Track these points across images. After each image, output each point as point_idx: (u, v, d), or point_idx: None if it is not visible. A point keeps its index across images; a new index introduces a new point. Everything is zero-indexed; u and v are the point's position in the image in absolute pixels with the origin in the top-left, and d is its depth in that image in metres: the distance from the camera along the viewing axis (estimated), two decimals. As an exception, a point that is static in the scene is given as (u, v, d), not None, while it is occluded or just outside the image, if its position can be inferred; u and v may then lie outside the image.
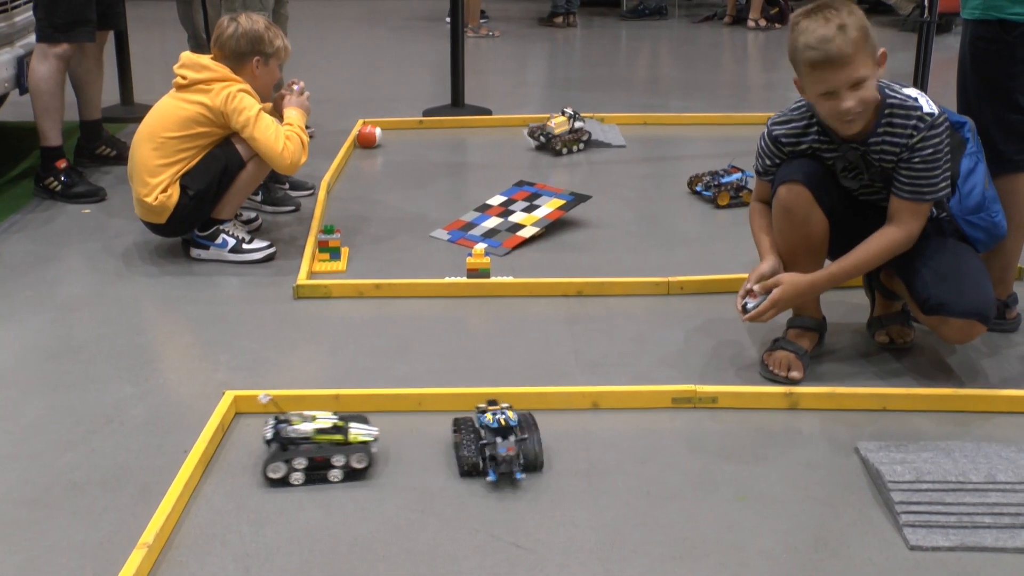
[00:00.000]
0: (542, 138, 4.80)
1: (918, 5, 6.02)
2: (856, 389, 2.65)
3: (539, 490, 2.29)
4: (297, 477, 2.31)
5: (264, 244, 3.58)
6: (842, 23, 2.47)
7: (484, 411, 2.41)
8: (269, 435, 2.35)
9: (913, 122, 2.55)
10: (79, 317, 3.17)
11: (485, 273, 3.36)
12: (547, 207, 3.90)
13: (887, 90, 2.59)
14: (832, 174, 2.70)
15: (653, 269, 3.42)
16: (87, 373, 2.83)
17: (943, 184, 2.60)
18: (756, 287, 2.66)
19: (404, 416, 2.60)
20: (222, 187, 3.45)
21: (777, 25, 8.59)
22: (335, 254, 3.56)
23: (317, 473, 2.33)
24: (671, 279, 3.30)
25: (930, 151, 2.55)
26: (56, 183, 4.14)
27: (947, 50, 6.67)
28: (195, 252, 3.56)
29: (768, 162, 2.77)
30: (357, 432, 2.37)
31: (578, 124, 4.85)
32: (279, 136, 3.41)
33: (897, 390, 2.66)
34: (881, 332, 2.93)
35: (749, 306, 2.65)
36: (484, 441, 2.34)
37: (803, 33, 2.51)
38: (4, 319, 3.14)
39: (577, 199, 3.94)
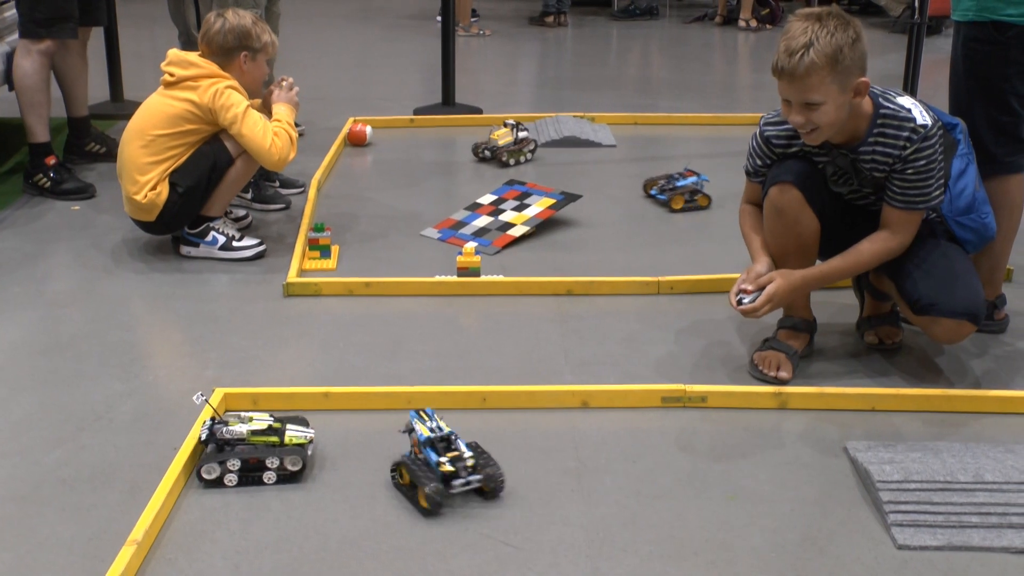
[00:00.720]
0: (487, 152, 4.66)
1: (908, 7, 6.03)
2: (845, 389, 2.66)
3: (529, 488, 2.30)
4: (231, 478, 2.30)
5: (254, 242, 3.58)
6: (814, 42, 2.44)
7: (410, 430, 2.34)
8: (204, 436, 2.34)
9: (906, 134, 2.55)
10: (68, 314, 3.17)
11: (475, 272, 3.37)
12: (537, 206, 3.91)
13: (881, 99, 2.59)
14: (824, 175, 2.71)
15: (643, 269, 3.42)
16: (76, 370, 2.82)
17: (937, 193, 2.61)
18: (749, 285, 2.67)
19: (394, 414, 2.60)
20: (211, 184, 3.45)
21: (768, 26, 8.61)
22: (325, 252, 3.56)
23: (251, 475, 2.30)
24: (661, 279, 3.30)
25: (923, 162, 2.56)
26: (45, 179, 4.13)
27: (937, 51, 6.70)
28: (185, 249, 3.55)
29: (759, 162, 2.78)
30: (293, 434, 2.34)
31: (522, 134, 4.66)
32: (267, 132, 3.40)
33: (886, 390, 2.67)
34: (870, 333, 2.94)
35: (745, 300, 2.65)
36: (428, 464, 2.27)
37: (784, 34, 2.53)
38: (-8, 315, 3.14)
39: (567, 198, 3.94)
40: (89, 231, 3.80)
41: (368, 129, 4.98)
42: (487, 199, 4.04)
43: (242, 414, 2.40)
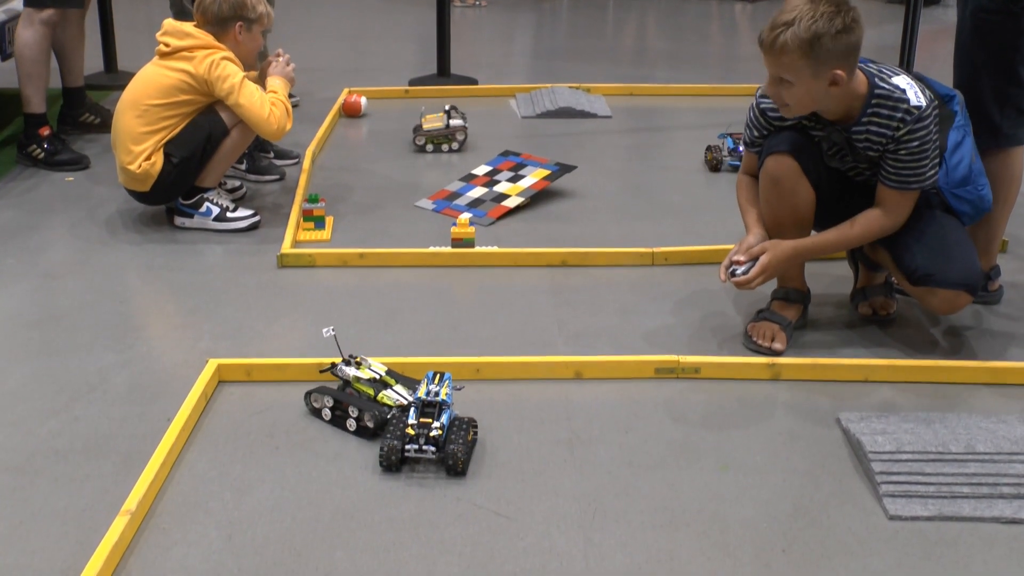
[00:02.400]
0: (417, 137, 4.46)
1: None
2: (838, 360, 2.66)
3: (522, 459, 2.30)
4: (326, 413, 2.44)
5: (248, 213, 3.57)
6: (796, 23, 2.44)
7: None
8: (328, 368, 2.51)
9: (900, 115, 2.53)
10: (62, 285, 3.15)
11: (470, 243, 3.35)
12: (532, 177, 3.89)
13: (876, 79, 2.57)
14: (819, 147, 2.70)
15: (638, 240, 3.41)
16: (70, 341, 2.81)
17: (931, 174, 2.60)
18: (742, 256, 2.66)
19: (388, 385, 2.60)
20: (206, 155, 3.43)
21: (765, -3, 8.55)
22: (320, 223, 3.55)
23: (339, 417, 2.42)
24: (656, 250, 3.29)
25: (916, 144, 2.54)
26: (39, 150, 4.10)
27: (935, 22, 6.66)
28: (179, 220, 3.54)
29: (756, 133, 2.77)
30: (387, 393, 2.43)
31: (455, 122, 4.41)
32: (264, 103, 3.38)
33: (879, 361, 2.66)
34: (864, 304, 2.94)
35: (738, 272, 2.64)
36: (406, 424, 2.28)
37: (783, 6, 2.52)
38: (-14, 286, 3.13)
39: (562, 169, 3.93)
40: (83, 202, 3.78)
41: (363, 100, 4.95)
42: (482, 170, 4.02)
43: (368, 359, 2.51)
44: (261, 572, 1.95)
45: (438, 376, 2.36)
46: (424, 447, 2.23)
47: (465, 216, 3.41)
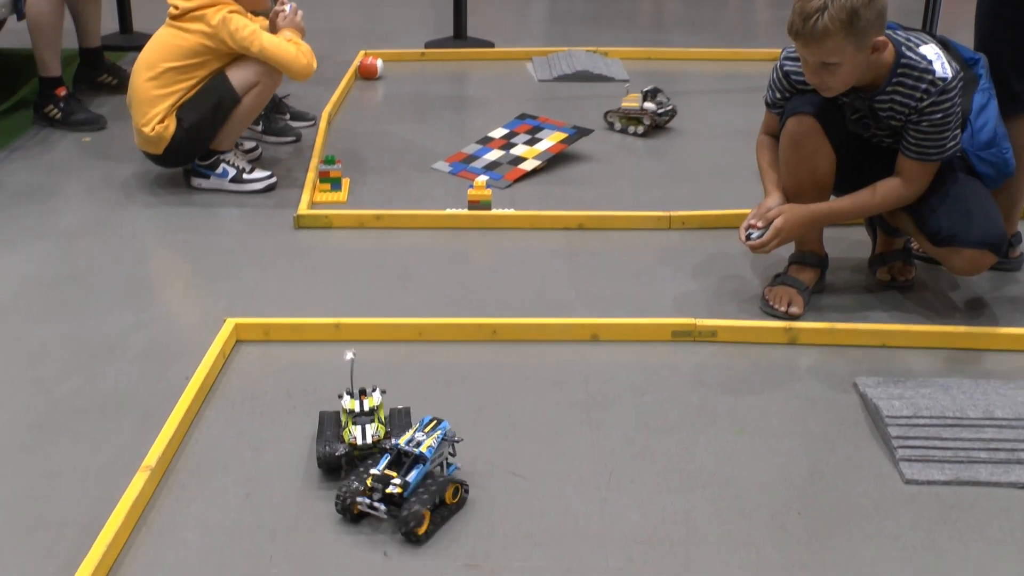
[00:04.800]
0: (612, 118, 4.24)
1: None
2: (856, 325, 2.65)
3: (538, 421, 2.31)
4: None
5: (265, 174, 3.57)
6: (828, 4, 2.39)
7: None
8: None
9: (924, 86, 2.50)
10: (80, 245, 3.17)
11: (486, 205, 3.35)
12: (549, 140, 3.88)
13: (903, 47, 2.54)
14: (842, 111, 2.68)
15: (655, 204, 3.40)
16: (88, 301, 2.83)
17: (951, 145, 2.57)
18: (758, 220, 2.65)
19: (404, 345, 2.60)
20: (217, 121, 3.41)
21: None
22: (336, 185, 3.55)
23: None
24: (673, 214, 3.28)
25: (939, 116, 2.52)
26: (56, 111, 4.11)
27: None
28: (195, 181, 3.54)
29: (778, 95, 2.75)
30: (353, 430, 2.12)
31: (648, 105, 4.12)
32: (288, 44, 3.38)
33: (897, 326, 2.66)
34: (882, 269, 2.93)
35: (753, 236, 2.64)
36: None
37: None
38: (5, 247, 3.13)
39: (579, 133, 3.91)
40: (100, 163, 3.78)
41: (379, 62, 4.93)
42: (498, 133, 4.01)
43: (377, 396, 2.16)
44: (279, 530, 1.97)
45: (433, 423, 2.06)
46: (375, 503, 1.95)
47: (482, 179, 3.40)
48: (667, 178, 3.73)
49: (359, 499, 1.96)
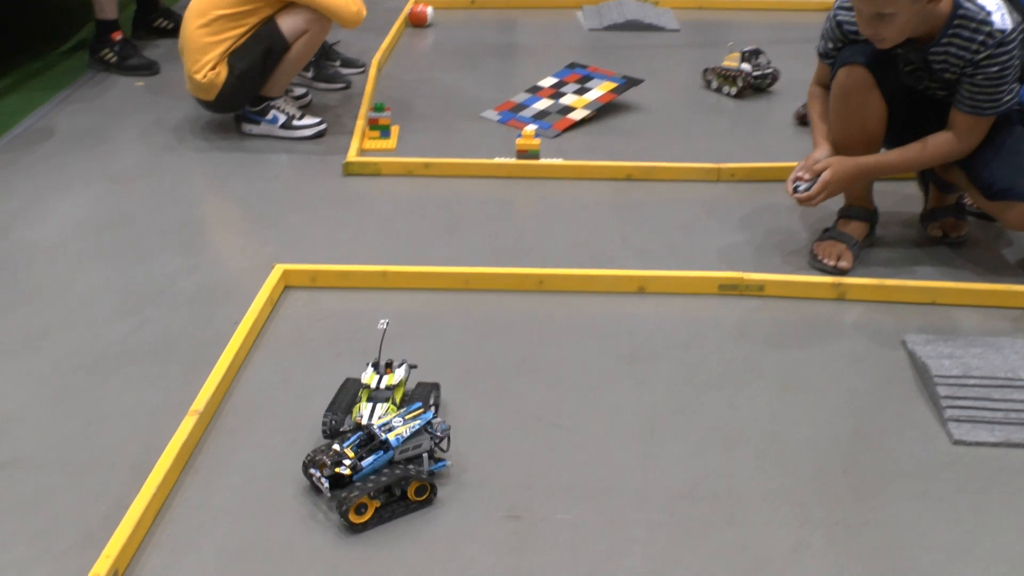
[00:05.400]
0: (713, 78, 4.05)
1: None
2: (905, 282, 2.57)
3: (582, 373, 2.27)
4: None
5: (314, 121, 3.53)
6: None
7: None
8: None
9: (981, 38, 2.40)
10: (131, 190, 3.16)
11: (535, 154, 3.29)
12: (598, 90, 3.80)
13: None
14: (896, 62, 2.58)
15: (704, 155, 3.33)
16: (139, 245, 2.82)
17: (1007, 99, 2.47)
18: (806, 173, 2.58)
19: (449, 294, 2.57)
20: (267, 68, 3.37)
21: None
22: (385, 132, 3.51)
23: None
24: (722, 166, 3.21)
25: (996, 68, 2.41)
26: (111, 55, 4.09)
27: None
28: (246, 127, 3.51)
29: (831, 45, 2.66)
30: (363, 406, 2.04)
31: (744, 66, 3.93)
32: None
33: (948, 284, 2.57)
34: (934, 225, 2.84)
35: (800, 188, 2.57)
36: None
37: None
38: (59, 190, 3.13)
39: (629, 83, 3.83)
40: (153, 107, 3.77)
41: (429, 10, 4.86)
42: (548, 82, 3.94)
43: (400, 371, 2.11)
44: (323, 476, 1.96)
45: (420, 411, 1.93)
46: (322, 478, 1.87)
47: (531, 128, 3.34)
48: (717, 129, 3.65)
49: (312, 470, 1.89)
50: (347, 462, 1.87)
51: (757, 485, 1.93)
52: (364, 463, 1.87)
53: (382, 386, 2.07)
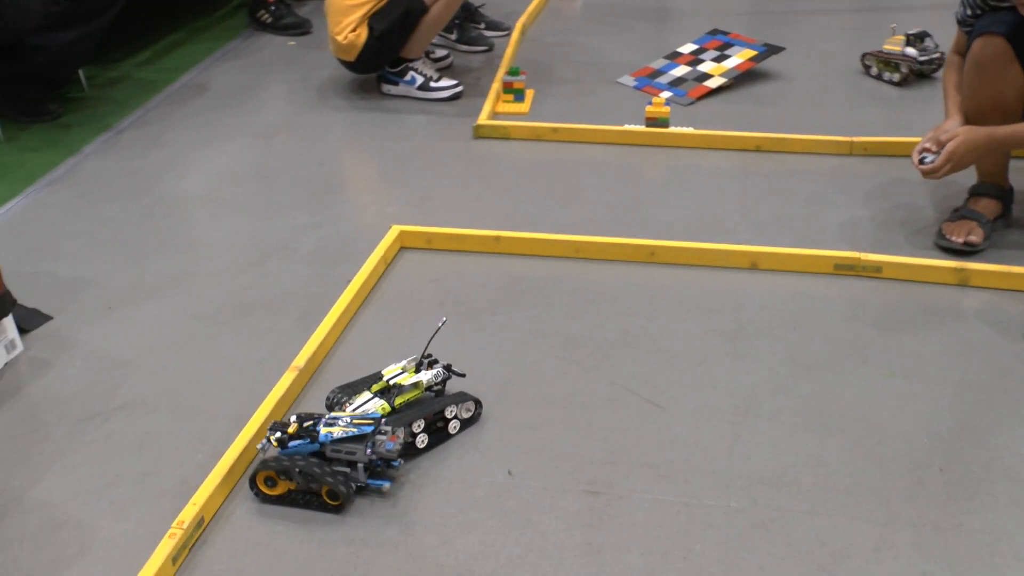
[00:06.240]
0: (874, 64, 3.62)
1: None
2: (1037, 269, 2.37)
3: (683, 348, 2.17)
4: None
5: (451, 83, 3.49)
6: None
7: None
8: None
9: None
10: (271, 146, 3.19)
11: (663, 122, 3.17)
12: (737, 58, 3.63)
13: None
14: (1036, 33, 2.36)
15: (839, 128, 3.14)
16: (270, 200, 2.85)
17: None
18: (933, 144, 2.38)
19: (561, 261, 2.50)
20: (405, 29, 3.35)
21: None
22: (519, 96, 3.44)
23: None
24: (854, 139, 3.01)
25: None
26: (267, 15, 4.15)
27: None
28: (385, 88, 3.51)
29: (969, 12, 2.44)
30: (380, 403, 1.92)
31: (909, 51, 3.52)
32: None
33: (1085, 273, 2.36)
34: (1077, 209, 2.60)
35: (927, 160, 2.38)
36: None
37: None
38: (205, 144, 3.20)
39: (769, 50, 3.64)
40: (300, 66, 3.81)
41: (580, -28, 4.75)
42: (688, 48, 3.79)
43: (440, 369, 2.00)
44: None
45: (368, 422, 1.79)
46: (269, 439, 1.80)
47: (663, 95, 3.22)
48: (856, 101, 3.43)
49: (269, 430, 1.81)
50: (276, 436, 1.79)
51: (845, 476, 1.80)
52: (291, 443, 1.78)
53: (394, 383, 1.96)
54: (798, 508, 1.74)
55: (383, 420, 1.82)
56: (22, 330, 2.25)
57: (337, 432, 1.78)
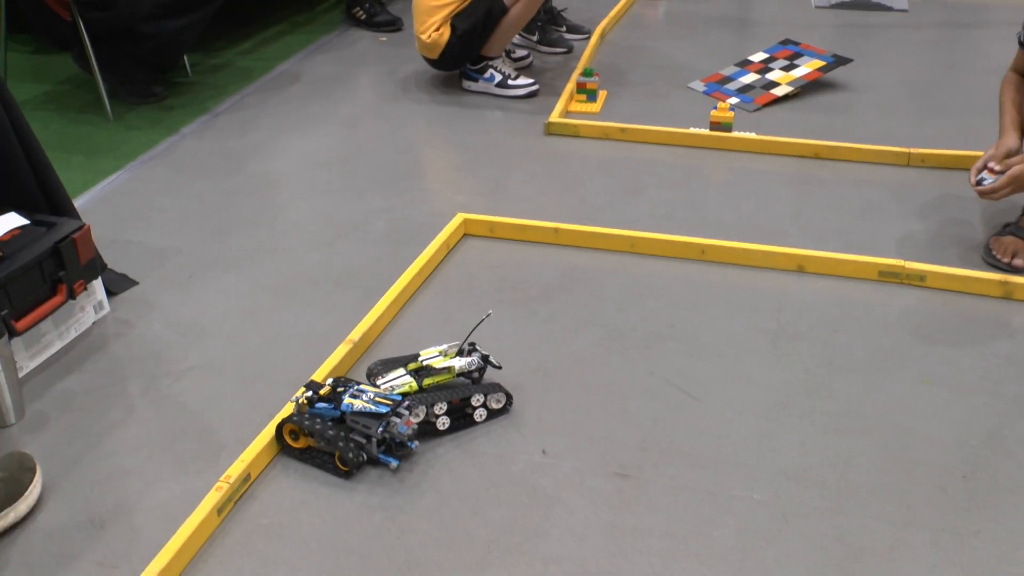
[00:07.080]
0: None
1: None
2: (1085, 286, 2.27)
3: (724, 344, 2.13)
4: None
5: (528, 82, 3.48)
6: None
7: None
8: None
9: None
10: (354, 133, 3.22)
11: (727, 127, 3.12)
12: (806, 67, 3.55)
13: None
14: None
15: (900, 139, 3.04)
16: (347, 183, 2.87)
17: None
18: (996, 165, 2.29)
19: (615, 255, 2.48)
20: (487, 29, 3.35)
21: None
22: (592, 96, 3.41)
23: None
24: (913, 150, 2.92)
25: None
26: (361, 12, 4.19)
27: None
28: (466, 84, 3.51)
29: (1031, 35, 2.35)
30: (417, 384, 1.93)
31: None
32: None
33: None
34: None
35: (986, 181, 2.29)
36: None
37: None
38: (294, 129, 3.24)
39: (838, 61, 3.55)
40: (388, 61, 3.83)
41: (662, -19, 4.69)
42: (758, 56, 3.71)
43: (476, 357, 1.98)
44: (454, 413, 1.93)
45: (390, 403, 1.80)
46: (307, 392, 1.85)
47: (730, 101, 3.16)
48: (919, 113, 3.32)
49: (319, 404, 1.83)
50: (308, 395, 1.84)
51: (870, 478, 1.75)
52: (318, 405, 1.82)
53: (427, 364, 1.95)
54: (820, 505, 1.70)
55: (404, 403, 1.81)
56: (110, 293, 2.31)
57: (358, 405, 1.80)
